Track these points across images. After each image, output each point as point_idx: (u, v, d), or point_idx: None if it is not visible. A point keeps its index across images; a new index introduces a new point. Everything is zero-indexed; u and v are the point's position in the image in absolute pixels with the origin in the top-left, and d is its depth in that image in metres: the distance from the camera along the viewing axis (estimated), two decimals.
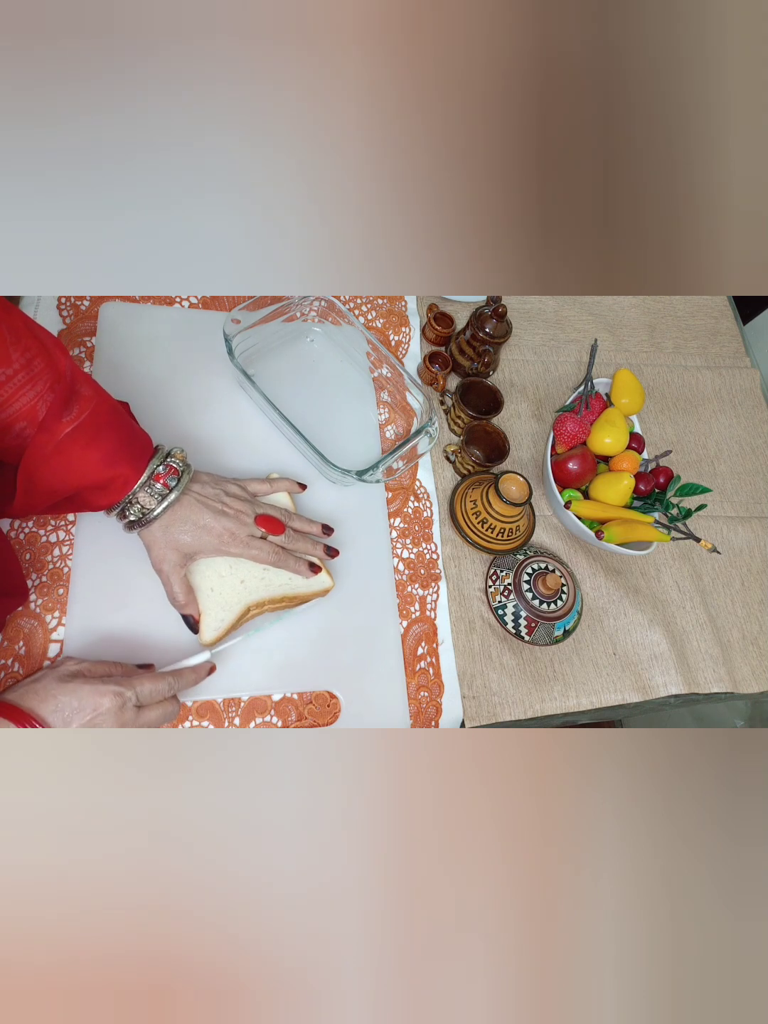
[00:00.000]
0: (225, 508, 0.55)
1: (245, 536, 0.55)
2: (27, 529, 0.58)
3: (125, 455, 0.51)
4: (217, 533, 0.54)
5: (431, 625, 0.65)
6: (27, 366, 0.46)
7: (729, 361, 0.92)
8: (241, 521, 0.56)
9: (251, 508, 0.57)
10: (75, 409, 0.48)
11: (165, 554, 0.54)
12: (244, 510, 0.56)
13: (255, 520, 0.56)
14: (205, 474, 0.58)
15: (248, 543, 0.55)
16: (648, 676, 0.69)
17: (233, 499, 0.57)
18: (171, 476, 0.53)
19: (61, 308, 0.68)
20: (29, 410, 0.46)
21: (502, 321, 0.74)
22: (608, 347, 0.88)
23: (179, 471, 0.54)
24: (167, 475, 0.53)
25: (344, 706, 0.59)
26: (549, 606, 0.65)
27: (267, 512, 0.58)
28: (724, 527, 0.80)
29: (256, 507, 0.58)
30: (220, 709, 0.56)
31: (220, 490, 0.57)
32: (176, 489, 0.53)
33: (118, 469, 0.51)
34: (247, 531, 0.56)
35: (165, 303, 0.72)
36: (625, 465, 0.72)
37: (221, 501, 0.56)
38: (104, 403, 0.51)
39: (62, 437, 0.48)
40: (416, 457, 0.68)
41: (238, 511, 0.56)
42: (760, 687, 0.71)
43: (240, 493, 0.58)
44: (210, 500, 0.55)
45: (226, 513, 0.55)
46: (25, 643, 0.54)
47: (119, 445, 0.51)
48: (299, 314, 0.74)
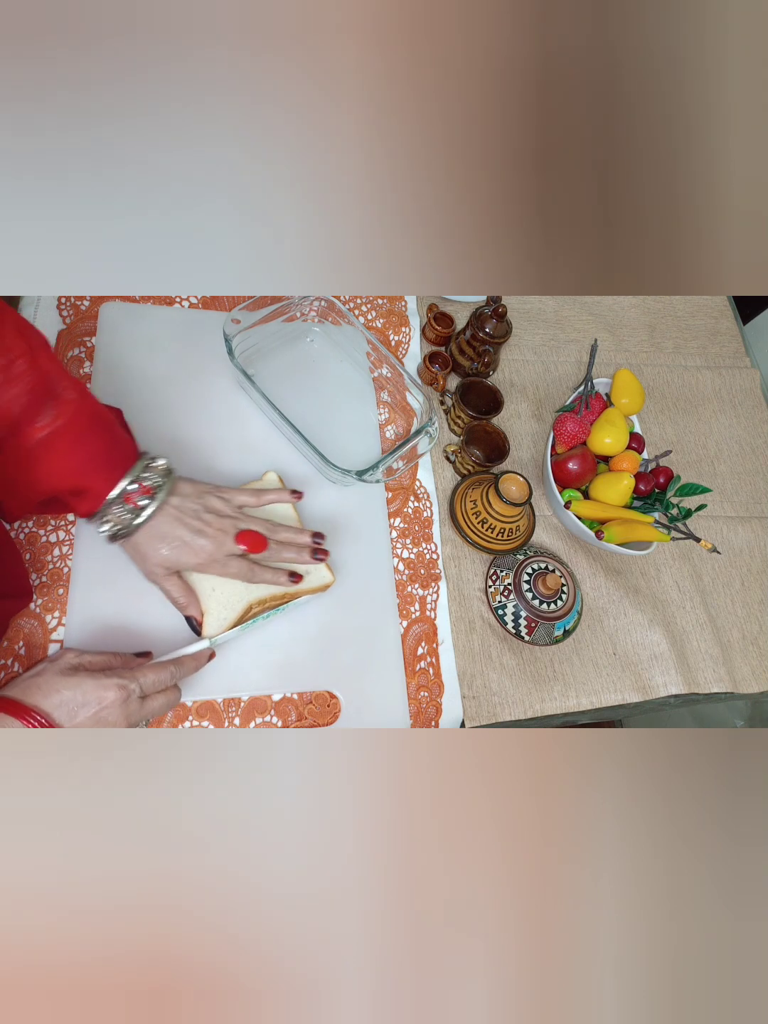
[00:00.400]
0: (204, 527, 0.53)
1: (223, 556, 0.54)
2: (27, 529, 0.58)
3: (100, 465, 0.50)
4: (195, 552, 0.53)
5: (431, 625, 0.65)
6: (6, 368, 0.45)
7: (729, 361, 0.92)
8: (219, 541, 0.54)
9: (232, 524, 0.55)
10: (51, 414, 0.47)
11: (150, 568, 0.53)
12: (225, 528, 0.54)
13: (236, 537, 0.55)
14: (188, 484, 0.55)
15: (225, 563, 0.54)
16: (648, 676, 0.69)
17: (214, 516, 0.55)
18: (142, 496, 0.51)
19: (61, 308, 0.68)
20: (4, 413, 0.45)
21: (502, 321, 0.74)
22: (608, 347, 0.88)
23: (153, 489, 0.52)
24: (138, 494, 0.51)
25: (344, 706, 0.59)
26: (549, 606, 0.65)
27: (250, 527, 0.56)
28: (724, 527, 0.80)
29: (239, 522, 0.56)
30: (220, 709, 0.56)
31: (201, 505, 0.55)
32: (150, 506, 0.51)
33: (90, 480, 0.49)
34: (225, 551, 0.54)
35: (165, 303, 0.72)
36: (625, 465, 0.72)
37: (200, 518, 0.54)
38: (85, 411, 0.49)
39: (35, 442, 0.46)
40: (416, 457, 0.68)
41: (218, 530, 0.54)
42: (760, 687, 0.71)
43: (222, 508, 0.56)
44: (188, 517, 0.53)
45: (205, 532, 0.53)
46: (25, 643, 0.54)
47: (94, 455, 0.49)
48: (299, 314, 0.74)
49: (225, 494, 0.57)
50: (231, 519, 0.56)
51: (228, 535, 0.54)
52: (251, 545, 0.55)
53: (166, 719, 0.55)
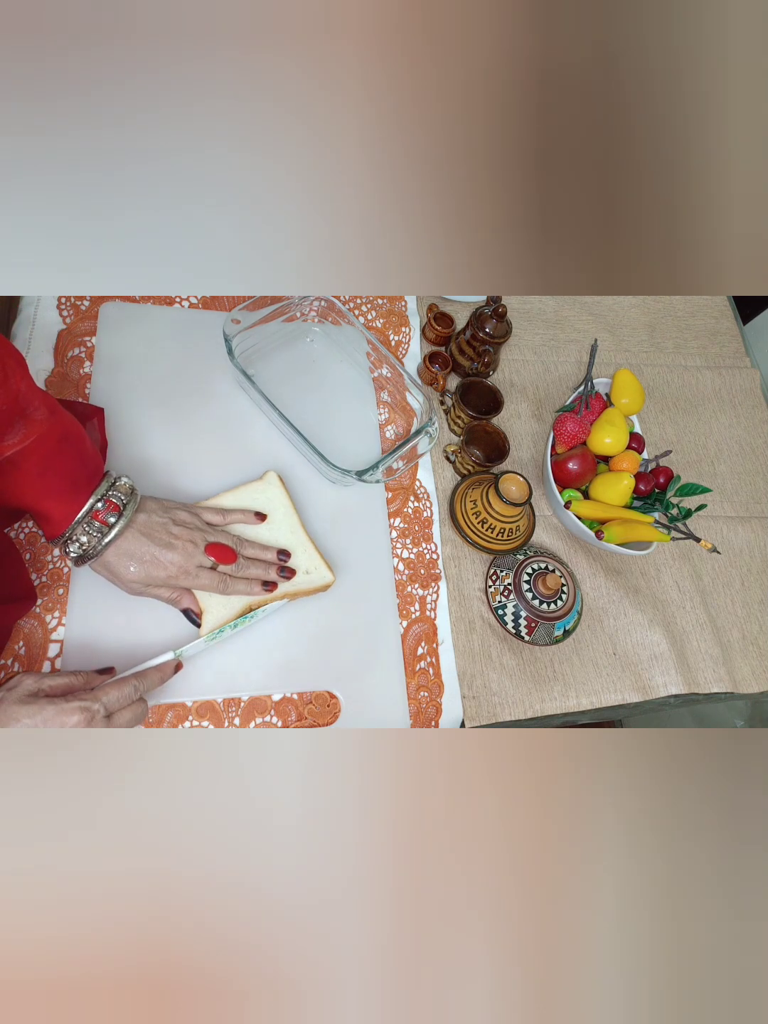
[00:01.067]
0: (172, 540, 0.53)
1: (194, 568, 0.54)
2: (27, 529, 0.58)
3: (64, 487, 0.49)
4: (164, 566, 0.53)
5: (431, 625, 0.65)
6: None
7: (729, 361, 0.92)
8: (188, 553, 0.53)
9: (201, 536, 0.55)
10: (20, 434, 0.46)
11: (127, 585, 0.53)
12: (193, 539, 0.54)
13: (205, 549, 0.55)
14: (152, 501, 0.55)
15: (196, 574, 0.54)
16: (648, 676, 0.69)
17: (181, 528, 0.54)
18: (110, 513, 0.51)
19: (61, 308, 0.68)
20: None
21: (502, 321, 0.74)
22: (608, 347, 0.88)
23: (120, 507, 0.51)
24: (107, 511, 0.51)
25: (344, 706, 0.59)
26: (549, 606, 0.65)
27: (218, 540, 0.56)
28: (724, 527, 0.80)
29: (208, 535, 0.56)
30: (220, 709, 0.56)
31: (168, 518, 0.54)
32: (117, 525, 0.51)
33: (53, 502, 0.49)
34: (195, 562, 0.54)
35: (165, 303, 0.72)
36: (625, 465, 0.72)
37: (168, 531, 0.53)
38: (54, 432, 0.48)
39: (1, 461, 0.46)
40: (416, 457, 0.68)
41: (187, 541, 0.54)
42: (760, 687, 0.71)
43: (190, 520, 0.56)
44: (156, 531, 0.53)
45: (173, 545, 0.53)
46: (25, 643, 0.54)
47: (58, 477, 0.49)
48: (299, 314, 0.74)
49: (192, 509, 0.58)
50: (200, 531, 0.56)
51: (198, 547, 0.54)
52: (220, 556, 0.55)
53: (166, 719, 0.55)
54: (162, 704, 0.55)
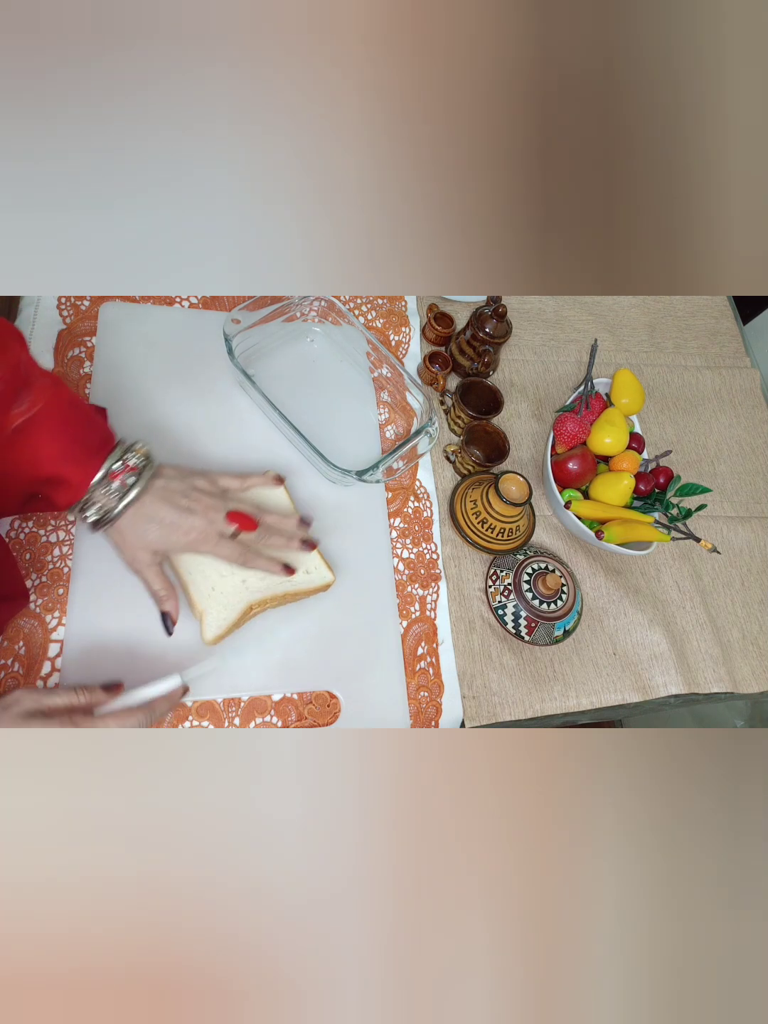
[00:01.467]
0: (193, 505, 0.53)
1: (215, 534, 0.53)
2: (27, 529, 0.58)
3: (79, 451, 0.49)
4: (185, 532, 0.52)
5: (431, 625, 0.65)
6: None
7: (729, 361, 0.92)
8: (209, 519, 0.53)
9: (222, 504, 0.54)
10: (27, 401, 0.46)
11: (135, 554, 0.52)
12: (214, 505, 0.54)
13: (226, 516, 0.54)
14: (171, 467, 0.55)
15: (217, 542, 0.53)
16: (648, 676, 0.69)
17: (201, 494, 0.54)
18: (129, 474, 0.50)
19: (61, 308, 0.68)
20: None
21: (502, 321, 0.74)
22: (608, 347, 0.88)
23: (138, 468, 0.51)
24: (124, 472, 0.50)
25: (344, 706, 0.59)
26: (549, 606, 0.65)
27: (239, 508, 0.55)
28: (724, 527, 0.80)
29: (227, 502, 0.55)
30: (220, 709, 0.56)
31: (187, 484, 0.54)
32: (136, 486, 0.50)
33: (71, 466, 0.49)
34: (217, 529, 0.53)
35: (165, 303, 0.72)
36: (625, 465, 0.72)
37: (188, 497, 0.53)
38: (61, 398, 0.49)
39: (12, 430, 0.46)
40: (416, 457, 0.68)
41: (207, 507, 0.53)
42: (760, 687, 0.71)
43: (209, 487, 0.55)
44: (176, 496, 0.52)
45: (194, 510, 0.52)
46: (25, 643, 0.54)
47: (72, 441, 0.49)
48: (299, 314, 0.74)
49: (209, 475, 0.57)
50: (219, 498, 0.55)
51: (219, 512, 0.54)
52: (242, 523, 0.54)
53: (166, 719, 0.55)
54: None
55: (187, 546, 0.53)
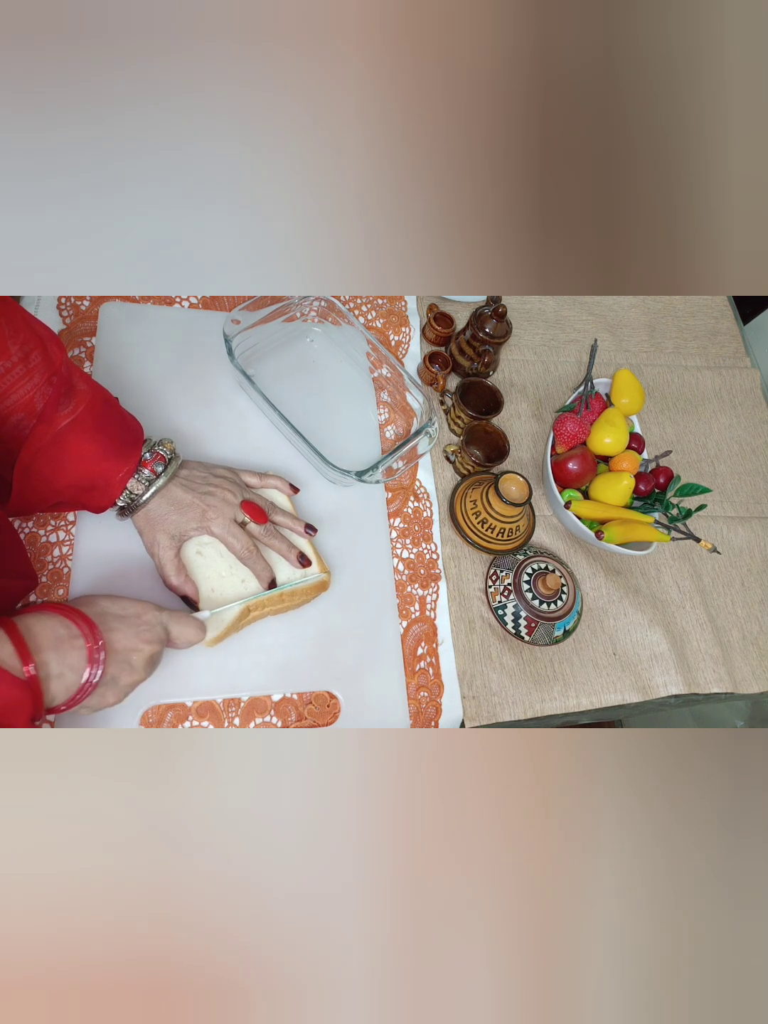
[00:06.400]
0: (212, 489, 0.56)
1: (229, 516, 0.56)
2: (27, 529, 0.58)
3: (118, 446, 0.53)
4: (202, 511, 0.55)
5: (431, 625, 0.65)
6: (24, 359, 0.47)
7: (729, 361, 0.92)
8: (227, 500, 0.56)
9: (239, 491, 0.58)
10: (72, 403, 0.50)
11: (155, 537, 0.55)
12: (232, 490, 0.57)
13: (240, 504, 0.57)
14: (194, 462, 0.59)
15: (229, 527, 0.56)
16: (648, 676, 0.69)
17: (221, 479, 0.58)
18: (158, 463, 0.54)
19: (61, 308, 0.68)
20: (27, 402, 0.48)
21: (502, 321, 0.73)
22: (608, 347, 0.88)
23: (167, 458, 0.55)
24: (154, 461, 0.54)
25: (344, 706, 0.59)
26: (549, 606, 0.65)
27: (253, 499, 0.59)
28: (724, 527, 0.80)
29: (245, 491, 0.59)
30: (220, 709, 0.56)
31: (208, 473, 0.58)
32: (164, 475, 0.54)
33: (111, 461, 0.52)
34: (231, 512, 0.56)
35: (165, 303, 0.72)
36: (625, 465, 0.72)
37: (209, 483, 0.57)
38: (98, 397, 0.52)
39: (60, 429, 0.49)
40: (416, 457, 0.68)
41: (227, 491, 0.57)
42: (760, 687, 0.71)
43: (229, 475, 0.59)
44: (197, 483, 0.56)
45: (212, 493, 0.56)
46: None
47: (111, 437, 0.52)
48: (299, 314, 0.74)
49: (232, 469, 0.61)
50: (238, 486, 0.59)
51: (236, 498, 0.57)
52: (253, 514, 0.58)
53: (166, 719, 0.55)
54: (162, 704, 0.55)
55: (201, 522, 0.56)
